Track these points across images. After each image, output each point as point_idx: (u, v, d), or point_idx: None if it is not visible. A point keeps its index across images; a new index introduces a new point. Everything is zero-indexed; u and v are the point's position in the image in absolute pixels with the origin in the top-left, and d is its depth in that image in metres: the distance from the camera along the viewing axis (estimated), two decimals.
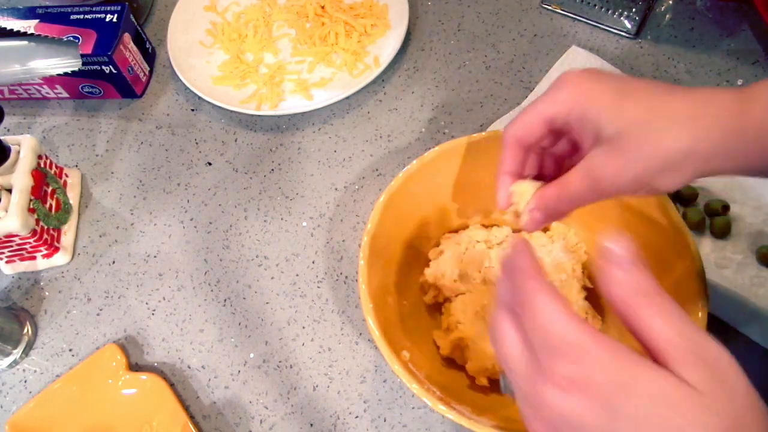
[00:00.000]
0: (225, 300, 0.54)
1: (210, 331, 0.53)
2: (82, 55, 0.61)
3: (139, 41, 0.66)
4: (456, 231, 0.52)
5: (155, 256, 0.57)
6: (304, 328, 0.52)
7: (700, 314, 0.39)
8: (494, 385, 0.45)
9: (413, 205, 0.49)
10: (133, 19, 0.65)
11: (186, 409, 0.49)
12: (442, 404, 0.38)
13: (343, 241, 0.56)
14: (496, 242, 0.51)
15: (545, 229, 0.51)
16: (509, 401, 0.45)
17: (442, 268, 0.48)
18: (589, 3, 0.65)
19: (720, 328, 0.47)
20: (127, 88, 0.65)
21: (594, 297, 0.48)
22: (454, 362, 0.47)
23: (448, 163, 0.49)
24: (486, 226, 0.52)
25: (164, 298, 0.55)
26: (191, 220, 0.59)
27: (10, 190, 0.53)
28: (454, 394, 0.41)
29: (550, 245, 0.49)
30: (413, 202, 0.48)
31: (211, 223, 0.58)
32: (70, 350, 0.53)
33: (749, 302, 0.46)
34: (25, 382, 0.52)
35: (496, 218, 0.53)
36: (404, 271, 0.49)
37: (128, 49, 0.64)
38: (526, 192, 0.37)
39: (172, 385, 0.50)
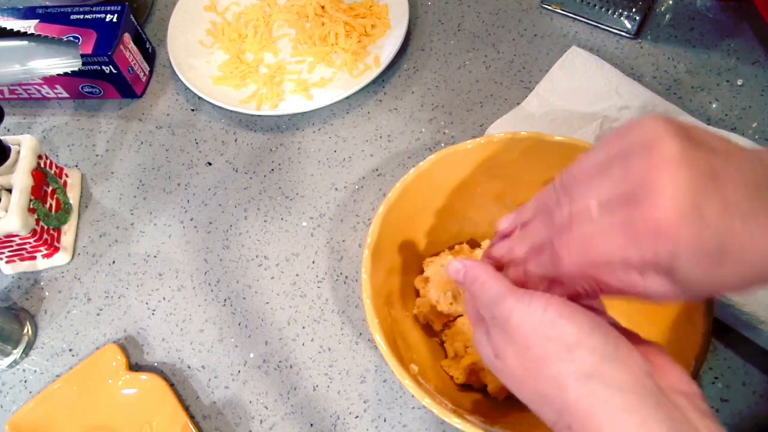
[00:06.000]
0: (225, 300, 0.54)
1: (210, 331, 0.53)
2: (82, 55, 0.61)
3: (139, 41, 0.66)
4: (437, 254, 0.50)
5: (155, 256, 0.57)
6: (304, 328, 0.52)
7: (703, 316, 0.38)
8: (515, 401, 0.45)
9: (413, 215, 0.48)
10: (133, 19, 0.65)
11: (186, 409, 0.49)
12: (456, 417, 0.37)
13: (343, 241, 0.56)
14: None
15: None
16: (527, 415, 0.45)
17: (433, 295, 0.47)
18: (589, 3, 0.65)
19: (722, 329, 0.47)
20: (127, 88, 0.65)
21: None
22: (469, 386, 0.46)
23: (446, 171, 0.47)
24: (473, 246, 0.51)
25: (164, 298, 0.55)
26: (191, 220, 0.59)
27: (10, 190, 0.53)
28: (469, 410, 0.40)
29: None
30: (412, 211, 0.47)
31: (211, 223, 0.58)
32: (70, 350, 0.53)
33: (750, 304, 0.46)
34: (25, 382, 0.52)
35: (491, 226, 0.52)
36: (408, 279, 0.48)
37: (128, 49, 0.64)
38: None
39: (172, 385, 0.50)
